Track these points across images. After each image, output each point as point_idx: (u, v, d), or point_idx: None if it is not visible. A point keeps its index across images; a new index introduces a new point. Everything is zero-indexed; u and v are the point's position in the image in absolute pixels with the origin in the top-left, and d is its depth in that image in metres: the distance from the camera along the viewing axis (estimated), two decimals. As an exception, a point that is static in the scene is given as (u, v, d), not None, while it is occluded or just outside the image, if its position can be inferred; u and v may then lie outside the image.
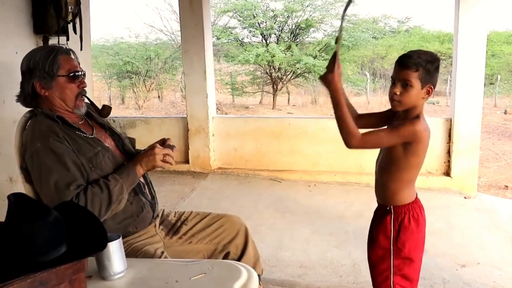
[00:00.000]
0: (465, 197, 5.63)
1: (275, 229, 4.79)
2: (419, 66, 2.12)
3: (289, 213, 5.24)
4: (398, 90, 2.18)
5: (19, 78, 2.89)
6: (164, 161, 2.21)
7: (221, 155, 6.93)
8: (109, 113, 2.40)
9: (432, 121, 6.10)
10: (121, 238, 1.67)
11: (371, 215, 2.59)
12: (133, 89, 18.26)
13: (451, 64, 6.08)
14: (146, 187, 2.37)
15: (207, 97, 6.69)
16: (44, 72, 2.15)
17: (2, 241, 1.45)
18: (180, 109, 16.23)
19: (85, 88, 2.26)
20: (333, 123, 2.21)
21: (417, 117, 2.20)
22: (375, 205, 2.55)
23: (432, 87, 2.19)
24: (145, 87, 18.32)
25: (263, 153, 6.74)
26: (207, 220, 2.62)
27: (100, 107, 2.41)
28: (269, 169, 6.65)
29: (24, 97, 2.22)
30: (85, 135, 2.24)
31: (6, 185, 2.78)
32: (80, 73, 2.21)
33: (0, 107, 2.74)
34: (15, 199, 1.52)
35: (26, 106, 2.24)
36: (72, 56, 2.24)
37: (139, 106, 17.33)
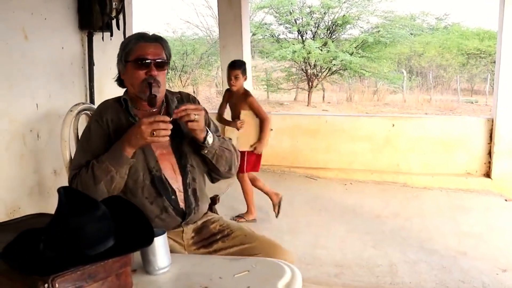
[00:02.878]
0: (505, 200, 5.50)
1: (311, 226, 4.77)
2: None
3: (325, 211, 5.21)
4: None
5: (64, 72, 2.97)
6: (153, 136, 1.99)
7: (257, 152, 6.88)
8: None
9: (472, 121, 6.04)
10: (166, 233, 1.69)
11: (407, 215, 2.56)
12: (169, 84, 18.34)
13: (492, 63, 5.95)
14: (178, 193, 2.20)
15: (244, 94, 6.65)
16: (121, 57, 2.24)
17: (52, 234, 1.48)
18: (215, 104, 16.23)
19: (156, 77, 2.15)
20: (370, 121, 2.18)
21: None
22: (411, 205, 2.51)
23: None
24: (181, 82, 18.44)
25: (299, 150, 6.71)
26: (248, 249, 2.18)
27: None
28: (305, 166, 6.62)
29: (117, 78, 2.31)
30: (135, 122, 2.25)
31: (50, 177, 2.84)
32: (149, 60, 2.15)
33: (46, 101, 2.79)
34: (65, 192, 1.54)
35: (120, 86, 2.33)
36: (153, 44, 2.19)
37: (175, 101, 17.39)
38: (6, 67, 2.51)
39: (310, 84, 16.36)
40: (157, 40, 2.23)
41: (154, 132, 1.96)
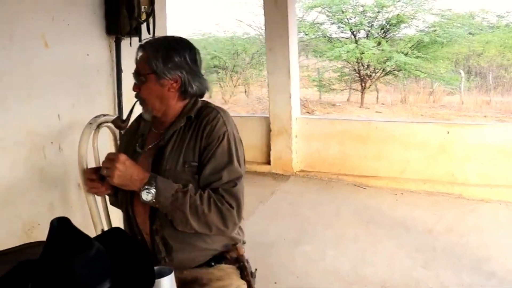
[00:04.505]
0: None
1: (357, 241, 4.52)
2: None
3: (373, 224, 4.94)
4: None
5: (89, 80, 2.81)
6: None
7: (303, 157, 6.69)
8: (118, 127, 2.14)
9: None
10: (173, 273, 1.47)
11: (463, 231, 2.27)
12: (220, 84, 18.32)
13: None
14: (146, 235, 1.98)
15: (290, 97, 6.48)
16: None
17: (41, 275, 1.31)
18: (265, 105, 16.03)
19: (139, 93, 1.96)
20: (423, 127, 1.91)
21: None
22: (467, 219, 2.23)
23: None
24: (232, 82, 18.36)
25: (348, 157, 6.43)
26: None
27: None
28: (353, 174, 6.34)
29: None
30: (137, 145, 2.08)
31: (73, 191, 2.70)
32: (134, 75, 1.98)
33: (69, 112, 2.64)
34: (58, 225, 1.37)
35: None
36: (139, 53, 1.97)
37: (225, 101, 17.35)
38: (23, 76, 2.36)
39: (363, 85, 16.02)
40: (142, 49, 1.97)
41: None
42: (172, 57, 1.91)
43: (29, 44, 2.39)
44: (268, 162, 6.73)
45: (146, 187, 1.79)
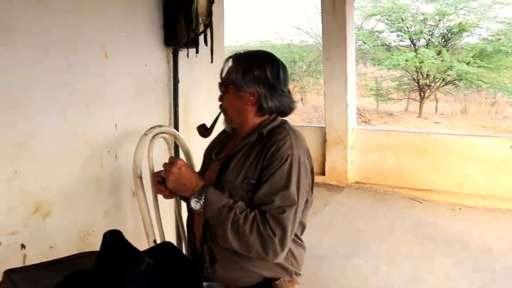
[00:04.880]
0: None
1: (411, 257, 4.40)
2: None
3: (429, 240, 4.80)
4: None
5: (147, 90, 2.86)
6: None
7: (359, 169, 6.62)
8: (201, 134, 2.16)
9: None
10: (221, 289, 1.47)
11: (525, 250, 2.16)
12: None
13: None
14: (197, 242, 2.04)
15: (347, 107, 6.41)
16: None
17: (92, 286, 1.32)
18: (321, 113, 15.91)
19: (222, 103, 2.04)
20: (484, 141, 1.83)
21: None
22: None
23: None
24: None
25: (404, 170, 6.32)
26: None
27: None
28: (409, 187, 6.23)
29: None
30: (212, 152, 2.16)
31: (127, 199, 2.74)
32: (218, 85, 2.05)
33: (125, 121, 2.68)
34: (110, 238, 1.39)
35: None
36: (225, 65, 2.04)
37: (281, 109, 17.33)
38: (83, 86, 2.42)
39: (422, 94, 15.66)
40: (228, 60, 2.02)
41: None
42: (252, 71, 1.93)
43: (90, 55, 2.44)
44: (323, 173, 6.68)
45: (196, 195, 1.81)
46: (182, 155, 2.59)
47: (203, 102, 3.26)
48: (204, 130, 2.11)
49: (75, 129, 2.40)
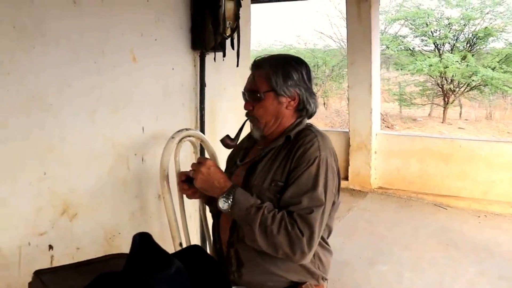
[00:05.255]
0: None
1: (436, 264, 4.35)
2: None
3: (453, 247, 4.74)
4: None
5: (174, 94, 2.87)
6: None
7: (382, 174, 6.57)
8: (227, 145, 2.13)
9: None
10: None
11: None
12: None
13: None
14: (224, 246, 2.04)
15: (371, 112, 6.37)
16: None
17: (122, 288, 1.33)
18: (344, 118, 15.90)
19: (250, 111, 1.99)
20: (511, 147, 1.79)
21: None
22: None
23: None
24: (311, 94, 18.28)
25: (429, 176, 6.27)
26: None
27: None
28: (434, 193, 6.18)
29: None
30: (236, 157, 2.16)
31: (153, 202, 2.75)
32: (244, 93, 2.01)
33: (152, 124, 2.70)
34: (139, 240, 1.39)
35: None
36: (254, 72, 2.00)
37: (304, 114, 17.27)
38: (112, 90, 2.44)
39: (446, 99, 15.52)
40: (258, 66, 1.98)
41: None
42: (291, 74, 1.93)
43: (119, 59, 2.47)
44: (346, 178, 6.64)
45: (224, 195, 1.81)
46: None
47: (229, 106, 3.27)
48: (229, 141, 2.08)
49: (103, 132, 2.42)
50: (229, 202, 1.80)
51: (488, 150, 5.97)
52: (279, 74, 1.91)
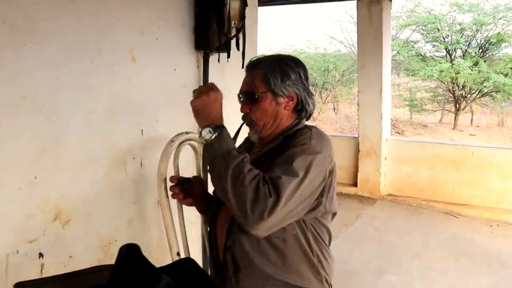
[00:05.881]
0: None
1: (446, 274, 4.24)
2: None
3: (465, 257, 4.62)
4: None
5: (175, 95, 2.76)
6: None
7: (392, 181, 6.46)
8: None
9: None
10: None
11: None
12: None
13: None
14: (220, 252, 1.89)
15: (381, 117, 6.26)
16: None
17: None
18: (354, 123, 15.82)
19: (248, 114, 1.89)
20: None
21: None
22: None
23: None
24: (321, 99, 18.17)
25: (440, 183, 6.15)
26: None
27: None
28: (445, 201, 6.06)
29: None
30: None
31: (152, 208, 2.64)
32: (240, 95, 1.93)
33: (152, 127, 2.59)
34: (126, 253, 1.28)
35: None
36: (249, 73, 1.92)
37: (313, 118, 17.19)
38: (109, 90, 2.33)
39: (457, 106, 15.38)
40: (254, 67, 1.89)
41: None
42: (289, 74, 1.85)
43: (117, 58, 2.36)
44: (355, 184, 6.53)
45: (213, 127, 1.69)
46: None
47: (233, 109, 3.11)
48: None
49: (99, 134, 2.31)
50: (214, 135, 1.69)
51: (501, 158, 5.84)
52: (277, 74, 1.83)
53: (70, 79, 2.14)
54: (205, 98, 1.74)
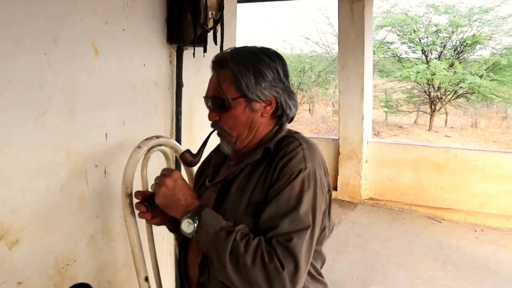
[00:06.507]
0: None
1: (434, 284, 4.11)
2: None
3: (452, 265, 4.46)
4: None
5: (144, 94, 2.46)
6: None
7: (373, 185, 6.29)
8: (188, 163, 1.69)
9: None
10: None
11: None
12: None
13: None
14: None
15: (363, 119, 6.07)
16: None
17: None
18: (330, 124, 15.70)
19: (217, 122, 1.56)
20: (510, 158, 1.44)
21: None
22: None
23: None
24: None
25: (422, 187, 6.00)
26: None
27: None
28: (427, 205, 5.92)
29: None
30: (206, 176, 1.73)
31: (118, 222, 2.33)
32: (206, 98, 1.58)
33: (118, 130, 2.28)
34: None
35: None
36: (217, 72, 1.56)
37: (287, 120, 17.05)
38: (67, 88, 2.00)
39: (432, 107, 15.40)
40: (221, 65, 1.54)
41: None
42: (265, 73, 1.51)
43: (76, 50, 2.03)
44: (335, 188, 6.32)
45: (189, 215, 1.42)
46: (184, 172, 2.19)
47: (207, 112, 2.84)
48: (191, 157, 1.65)
49: (54, 139, 1.97)
50: (195, 224, 1.41)
51: (485, 161, 5.70)
52: (249, 74, 1.49)
53: (18, 74, 1.80)
54: (164, 191, 1.47)
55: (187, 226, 1.41)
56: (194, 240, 1.45)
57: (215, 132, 1.59)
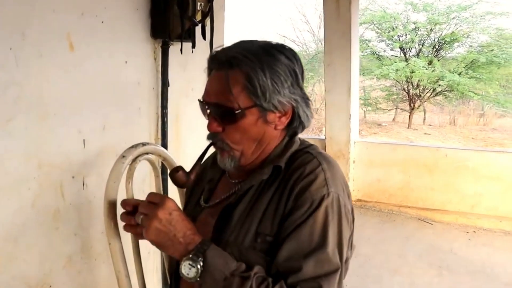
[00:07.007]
0: None
1: (430, 291, 3.89)
2: None
3: (447, 270, 4.33)
4: None
5: (126, 95, 2.20)
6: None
7: (361, 186, 6.12)
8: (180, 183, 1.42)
9: None
10: None
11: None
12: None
13: None
14: None
15: (350, 118, 5.89)
16: None
17: None
18: (312, 124, 15.60)
19: (218, 134, 1.30)
20: (501, 157, 1.26)
21: None
22: None
23: None
24: (275, 99, 18.00)
25: (412, 188, 5.85)
26: None
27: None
28: (417, 206, 5.77)
29: None
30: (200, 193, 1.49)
31: (99, 239, 2.09)
32: (204, 104, 1.33)
33: (98, 136, 2.03)
34: None
35: None
36: (220, 72, 1.29)
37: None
38: (38, 88, 1.73)
39: (411, 105, 15.43)
40: (230, 64, 1.26)
41: None
42: (283, 77, 1.25)
43: (48, 46, 1.76)
44: (322, 190, 6.10)
45: (190, 256, 1.16)
46: (171, 185, 1.94)
47: (198, 112, 2.59)
48: (183, 176, 1.37)
49: (24, 148, 1.69)
50: (198, 267, 1.16)
51: (476, 160, 5.57)
52: (266, 78, 1.22)
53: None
54: (157, 226, 1.19)
55: (189, 269, 1.17)
56: (199, 285, 1.20)
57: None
